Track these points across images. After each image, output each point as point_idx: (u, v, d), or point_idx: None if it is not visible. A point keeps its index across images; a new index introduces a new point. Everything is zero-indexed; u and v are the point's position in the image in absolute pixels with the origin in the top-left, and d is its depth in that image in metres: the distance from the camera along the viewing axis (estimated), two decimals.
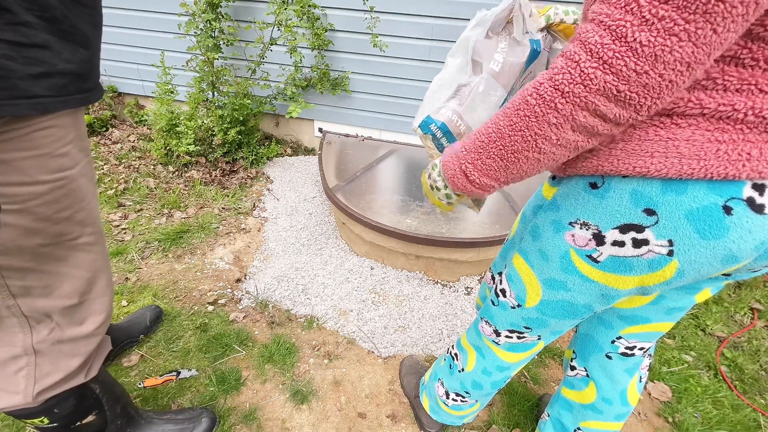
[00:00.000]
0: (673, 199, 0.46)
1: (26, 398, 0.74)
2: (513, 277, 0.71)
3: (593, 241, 0.55)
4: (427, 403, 1.09)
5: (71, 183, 0.67)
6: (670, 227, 0.47)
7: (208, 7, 1.98)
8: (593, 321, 0.82)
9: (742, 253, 0.46)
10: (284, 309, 1.54)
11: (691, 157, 0.44)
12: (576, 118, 0.44)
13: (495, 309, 0.78)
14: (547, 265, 0.63)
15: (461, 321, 1.55)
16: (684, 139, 0.44)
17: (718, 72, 0.42)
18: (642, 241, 0.50)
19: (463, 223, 1.67)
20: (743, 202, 0.44)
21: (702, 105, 0.43)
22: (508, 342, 0.80)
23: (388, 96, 2.32)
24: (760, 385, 1.40)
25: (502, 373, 0.88)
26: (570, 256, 0.59)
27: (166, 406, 1.16)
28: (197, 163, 2.30)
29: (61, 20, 0.56)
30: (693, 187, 0.45)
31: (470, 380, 0.92)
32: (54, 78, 0.57)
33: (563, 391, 0.96)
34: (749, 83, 0.42)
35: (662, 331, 0.74)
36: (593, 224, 0.54)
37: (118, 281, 1.57)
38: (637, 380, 0.85)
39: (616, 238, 0.52)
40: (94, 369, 0.85)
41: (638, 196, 0.49)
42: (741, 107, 0.42)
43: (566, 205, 0.58)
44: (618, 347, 0.79)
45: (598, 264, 0.55)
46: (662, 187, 0.47)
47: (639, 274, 0.53)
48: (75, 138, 0.66)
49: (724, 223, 0.44)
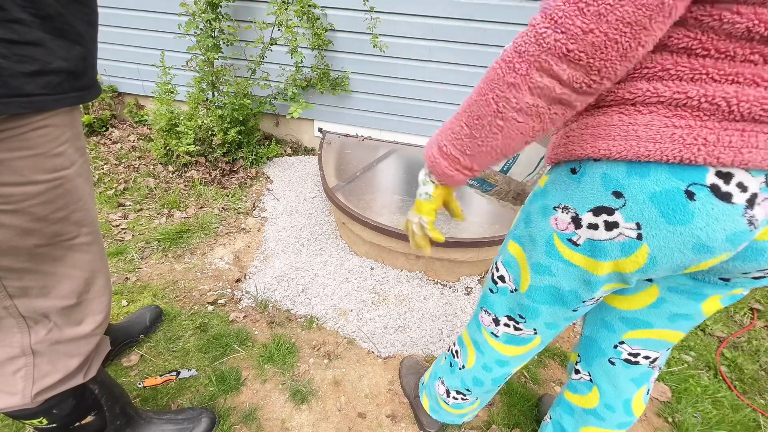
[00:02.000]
0: (638, 182, 0.48)
1: (24, 399, 0.74)
2: (510, 262, 0.72)
3: (572, 225, 0.57)
4: (427, 402, 1.09)
5: (67, 183, 0.66)
6: (636, 210, 0.49)
7: (208, 7, 1.98)
8: (596, 323, 0.82)
9: (713, 243, 0.47)
10: (284, 309, 1.54)
11: (648, 139, 0.47)
12: (532, 77, 0.46)
13: (494, 296, 0.79)
14: (534, 250, 0.65)
15: (461, 321, 1.55)
16: (643, 124, 0.47)
17: (671, 63, 0.45)
18: (612, 223, 0.52)
19: (463, 224, 1.67)
20: (706, 188, 0.45)
21: (658, 93, 0.46)
22: (506, 332, 0.80)
23: (388, 96, 2.32)
24: (760, 385, 1.40)
25: (502, 369, 0.88)
26: (553, 240, 0.61)
27: (165, 406, 1.16)
28: (197, 163, 2.30)
29: (55, 18, 0.55)
30: (655, 171, 0.47)
31: (471, 377, 0.92)
32: (48, 76, 0.57)
33: (566, 394, 0.95)
34: (701, 72, 0.44)
35: (668, 340, 0.73)
36: (572, 207, 0.56)
37: (118, 281, 1.57)
38: (644, 392, 0.84)
39: (590, 220, 0.54)
40: (93, 369, 0.84)
41: (607, 179, 0.51)
42: (694, 95, 0.44)
43: (552, 191, 0.60)
44: (621, 353, 0.79)
45: (578, 247, 0.57)
46: (627, 170, 0.49)
47: (613, 259, 0.54)
48: (71, 137, 0.66)
49: (688, 209, 0.46)
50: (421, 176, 0.68)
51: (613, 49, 0.42)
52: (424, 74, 2.19)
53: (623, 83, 0.50)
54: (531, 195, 0.68)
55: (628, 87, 0.48)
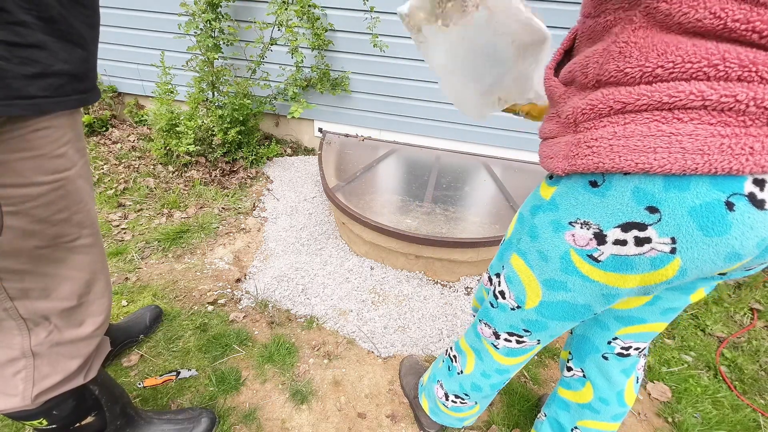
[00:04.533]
0: (676, 195, 0.45)
1: (24, 400, 0.74)
2: (512, 279, 0.71)
3: (594, 241, 0.54)
4: (427, 404, 1.09)
5: (69, 184, 0.66)
6: (673, 225, 0.46)
7: (208, 7, 1.98)
8: (589, 322, 0.82)
9: (745, 250, 0.45)
10: (284, 309, 1.54)
11: (695, 151, 0.43)
12: None
13: (494, 311, 0.78)
14: (546, 266, 0.63)
15: (461, 321, 1.55)
16: (687, 134, 0.43)
17: (719, 58, 0.41)
18: (644, 239, 0.49)
19: (462, 223, 1.67)
20: (745, 197, 0.43)
21: (704, 96, 0.42)
22: (507, 346, 0.80)
23: (388, 96, 2.32)
24: (760, 385, 1.40)
25: (501, 376, 0.88)
26: (570, 256, 0.58)
27: (165, 406, 1.16)
28: (197, 163, 2.30)
29: (58, 20, 0.55)
30: (696, 183, 0.44)
31: (469, 382, 0.92)
32: (50, 78, 0.57)
33: (560, 391, 0.96)
34: (750, 70, 0.40)
35: (657, 331, 0.75)
36: (594, 223, 0.53)
37: (118, 281, 1.57)
38: (633, 381, 0.85)
39: (617, 237, 0.51)
40: (93, 370, 0.84)
41: (640, 194, 0.48)
42: (743, 98, 0.41)
43: (565, 205, 0.57)
44: (614, 348, 0.80)
45: (599, 263, 0.55)
46: (665, 184, 0.46)
47: (641, 273, 0.52)
48: (72, 139, 0.66)
49: (727, 220, 0.44)
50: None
51: None
52: (424, 74, 2.19)
53: (658, 83, 0.45)
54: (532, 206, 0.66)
55: (667, 88, 0.44)
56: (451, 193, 1.90)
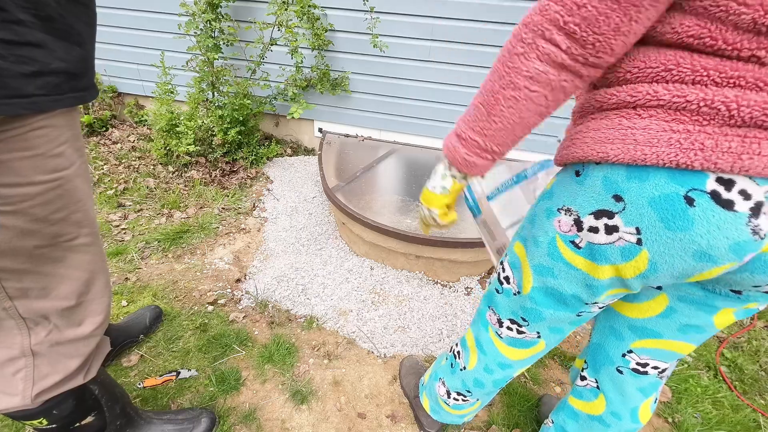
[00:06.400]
0: (637, 185, 0.48)
1: (24, 400, 0.74)
2: (514, 264, 0.72)
3: (575, 227, 0.57)
4: (428, 403, 1.09)
5: (67, 183, 0.66)
6: (636, 214, 0.49)
7: (208, 7, 1.98)
8: (605, 330, 0.80)
9: (715, 252, 0.46)
10: (284, 309, 1.54)
11: (645, 143, 0.47)
12: (538, 44, 0.48)
13: (499, 297, 0.78)
14: (537, 251, 0.65)
15: (461, 321, 1.55)
16: (641, 128, 0.47)
17: (674, 63, 0.45)
18: (612, 227, 0.52)
19: (463, 224, 1.67)
20: (706, 194, 0.44)
21: (658, 96, 0.46)
22: (509, 335, 0.80)
23: (388, 96, 2.32)
24: (760, 385, 1.40)
25: (503, 371, 0.87)
26: (556, 242, 0.60)
27: (165, 406, 1.16)
28: (197, 163, 2.30)
29: (56, 19, 0.55)
30: (654, 175, 0.47)
31: (472, 378, 0.92)
32: (48, 77, 0.57)
33: (570, 399, 0.94)
34: (702, 74, 0.44)
35: (677, 351, 0.71)
36: (575, 210, 0.56)
37: (118, 281, 1.57)
38: (651, 401, 0.82)
39: (591, 223, 0.54)
40: (93, 370, 0.84)
41: (608, 183, 0.51)
42: (693, 98, 0.44)
43: (558, 192, 0.60)
44: (629, 362, 0.77)
45: (580, 250, 0.57)
46: (627, 174, 0.49)
47: (613, 263, 0.54)
48: (70, 138, 0.66)
49: (688, 215, 0.45)
50: (441, 170, 0.68)
51: (605, 23, 0.44)
52: (424, 74, 2.19)
53: (625, 85, 0.49)
54: (539, 197, 0.68)
55: (629, 89, 0.48)
56: None
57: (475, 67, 2.09)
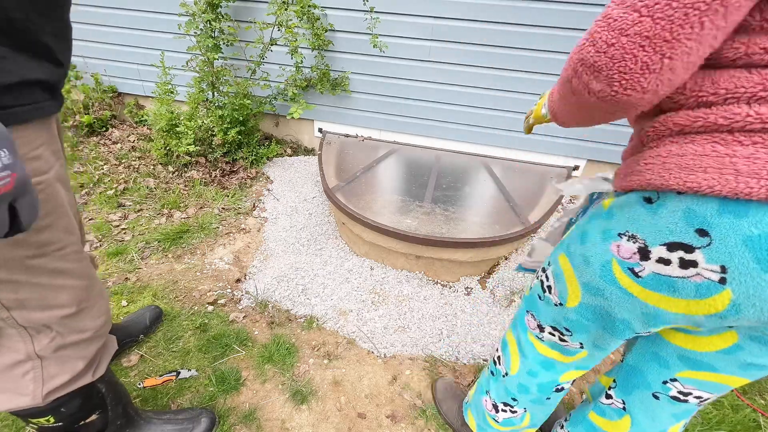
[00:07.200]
0: (730, 221, 0.43)
1: (35, 399, 0.74)
2: (558, 276, 0.71)
3: (637, 255, 0.53)
4: (474, 422, 1.03)
5: (48, 188, 0.64)
6: (724, 252, 0.44)
7: (208, 7, 1.98)
8: (647, 355, 0.73)
9: None
10: (284, 309, 1.54)
11: (750, 174, 0.41)
12: (570, 79, 0.50)
13: (541, 303, 0.77)
14: (587, 269, 0.62)
15: (461, 321, 1.55)
16: (744, 156, 0.42)
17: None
18: (690, 262, 0.47)
19: (463, 223, 1.67)
20: None
21: (762, 119, 0.41)
22: (552, 340, 0.78)
23: (388, 96, 2.32)
24: (760, 385, 1.40)
25: (548, 373, 0.83)
26: (611, 265, 0.57)
27: (165, 406, 1.16)
28: (197, 163, 2.30)
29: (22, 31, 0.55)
30: (756, 211, 0.41)
31: (516, 383, 0.89)
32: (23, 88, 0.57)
33: (591, 415, 0.88)
34: None
35: (730, 385, 0.64)
36: (641, 238, 0.52)
37: (118, 281, 1.57)
38: (682, 425, 0.77)
39: (662, 255, 0.50)
40: (102, 368, 0.85)
41: (692, 215, 0.46)
42: None
43: (619, 216, 0.57)
44: (670, 389, 0.70)
45: (639, 279, 0.54)
46: (719, 208, 0.43)
47: (684, 298, 0.50)
48: (47, 140, 0.64)
49: None
50: (546, 101, 0.76)
51: (633, 62, 0.42)
52: (424, 74, 2.19)
53: (715, 107, 0.44)
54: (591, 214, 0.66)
55: (722, 111, 0.43)
56: (451, 194, 1.90)
57: (475, 67, 2.09)
